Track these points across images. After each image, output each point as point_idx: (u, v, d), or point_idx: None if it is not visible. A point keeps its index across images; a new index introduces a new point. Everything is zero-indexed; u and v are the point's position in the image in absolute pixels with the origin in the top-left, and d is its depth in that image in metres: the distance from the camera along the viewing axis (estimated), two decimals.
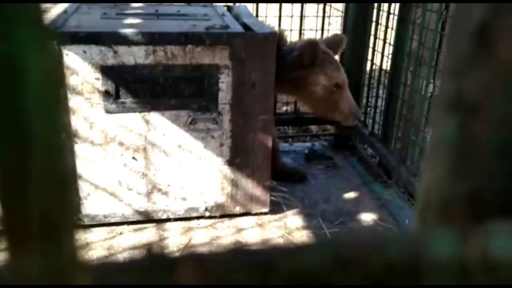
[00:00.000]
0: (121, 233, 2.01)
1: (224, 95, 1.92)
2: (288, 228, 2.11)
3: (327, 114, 2.27)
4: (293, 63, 2.14)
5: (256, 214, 2.15)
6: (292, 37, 2.80)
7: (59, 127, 0.15)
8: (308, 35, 2.85)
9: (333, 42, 2.29)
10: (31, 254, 0.14)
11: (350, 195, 2.40)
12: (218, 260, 0.19)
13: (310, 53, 2.10)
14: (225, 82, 1.90)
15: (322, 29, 2.79)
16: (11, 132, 0.14)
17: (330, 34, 2.54)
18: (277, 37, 1.97)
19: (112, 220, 2.02)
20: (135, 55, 1.80)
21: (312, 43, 2.11)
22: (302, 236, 2.05)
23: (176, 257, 0.19)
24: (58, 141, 0.15)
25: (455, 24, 0.23)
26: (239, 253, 0.20)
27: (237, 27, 1.98)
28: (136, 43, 1.79)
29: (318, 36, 2.82)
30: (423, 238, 0.20)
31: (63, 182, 0.15)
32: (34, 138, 0.14)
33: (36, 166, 0.14)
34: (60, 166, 0.15)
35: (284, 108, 3.16)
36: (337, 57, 2.36)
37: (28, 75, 0.14)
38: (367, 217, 2.22)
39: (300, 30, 2.78)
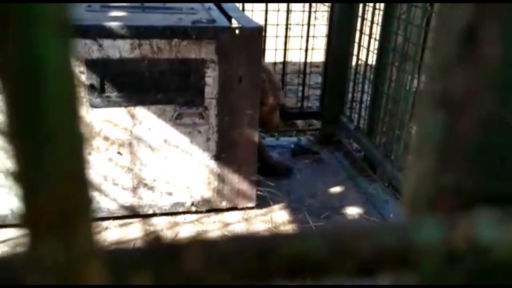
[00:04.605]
0: (106, 228, 1.99)
1: (211, 89, 1.91)
2: (274, 222, 2.12)
3: (264, 126, 2.44)
4: None
5: (242, 208, 2.15)
6: (278, 32, 2.80)
7: (78, 125, 0.16)
8: (295, 30, 2.85)
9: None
10: (49, 243, 0.16)
11: (336, 189, 2.42)
12: (221, 246, 0.20)
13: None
14: (211, 76, 1.89)
15: (309, 24, 2.80)
16: (33, 132, 0.15)
17: (317, 29, 2.56)
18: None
19: (98, 215, 2.00)
20: (120, 49, 1.78)
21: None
22: (288, 230, 2.06)
23: (181, 244, 0.20)
24: (78, 138, 0.16)
25: (442, 25, 0.23)
26: (239, 239, 0.21)
27: (223, 21, 1.97)
28: (121, 37, 1.76)
29: (305, 31, 2.82)
30: (411, 225, 0.21)
31: (81, 177, 0.16)
32: (55, 137, 0.15)
33: (57, 163, 0.15)
34: (79, 162, 0.16)
35: None
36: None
37: (49, 75, 0.15)
38: (353, 211, 2.24)
39: (287, 25, 2.78)
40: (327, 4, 2.83)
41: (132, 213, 2.04)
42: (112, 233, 1.97)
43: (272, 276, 0.21)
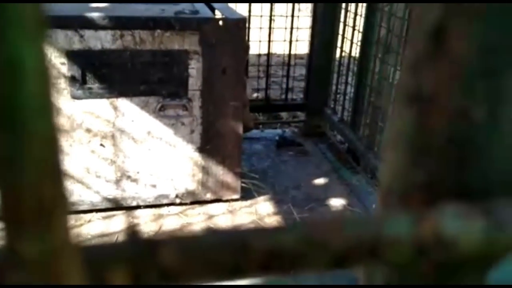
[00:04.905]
0: (89, 221, 1.98)
1: (194, 81, 1.91)
2: (259, 214, 2.13)
3: None
4: None
5: (227, 200, 2.16)
6: (262, 23, 2.79)
7: (53, 120, 0.16)
8: (279, 21, 2.84)
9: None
10: (26, 237, 0.16)
11: (320, 181, 2.44)
12: (198, 241, 0.21)
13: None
14: (195, 68, 1.88)
15: (292, 15, 2.80)
16: (8, 128, 0.15)
17: (301, 20, 2.55)
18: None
19: (80, 208, 1.98)
20: (102, 40, 1.75)
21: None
22: (272, 222, 2.08)
23: (157, 240, 0.21)
24: (54, 135, 0.16)
25: (414, 22, 0.24)
26: (216, 234, 0.22)
27: (207, 12, 1.96)
28: (103, 27, 1.74)
29: (289, 22, 2.82)
30: (382, 219, 0.22)
31: (57, 172, 0.16)
32: (32, 134, 0.15)
33: (33, 158, 0.16)
34: (55, 157, 0.16)
35: (255, 94, 3.16)
36: None
37: (26, 75, 0.15)
38: (336, 203, 2.26)
39: (270, 16, 2.77)
40: None
41: (116, 205, 2.03)
42: (95, 225, 1.96)
43: (247, 270, 0.21)
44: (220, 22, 1.86)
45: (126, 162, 1.96)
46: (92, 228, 1.95)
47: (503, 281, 0.45)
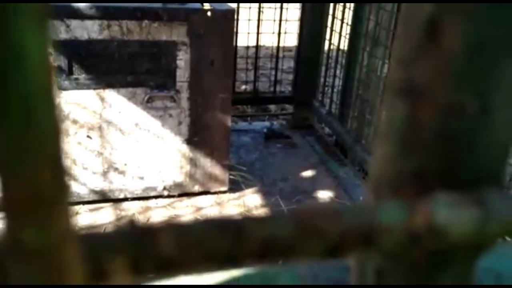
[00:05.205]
0: (77, 213, 1.96)
1: (182, 72, 1.89)
2: (247, 206, 2.14)
3: None
4: None
5: (215, 192, 2.16)
6: (251, 15, 2.78)
7: (55, 110, 0.16)
8: (267, 13, 2.83)
9: None
10: (27, 227, 0.16)
11: (308, 173, 2.45)
12: (196, 229, 0.21)
13: None
14: (183, 59, 1.87)
15: (281, 7, 2.79)
16: (11, 117, 0.15)
17: (289, 12, 2.55)
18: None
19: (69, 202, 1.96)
20: (88, 30, 1.73)
21: None
22: (260, 214, 2.09)
23: (155, 227, 0.21)
24: (56, 124, 0.16)
25: (406, 18, 0.24)
26: (213, 221, 0.22)
27: (195, 3, 1.94)
28: (90, 17, 1.72)
29: (277, 14, 2.81)
30: (374, 208, 0.22)
31: (59, 162, 0.16)
32: (36, 122, 0.15)
33: (35, 148, 0.15)
34: (57, 147, 0.16)
35: (243, 87, 3.15)
36: None
37: (29, 62, 0.15)
38: (324, 195, 2.28)
39: (259, 8, 2.76)
40: None
41: (103, 197, 2.01)
42: (83, 218, 1.95)
43: (244, 257, 0.21)
44: (209, 13, 1.85)
45: (113, 154, 1.95)
46: (80, 220, 1.93)
47: (488, 270, 0.46)
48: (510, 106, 0.24)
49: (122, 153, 1.95)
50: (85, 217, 1.96)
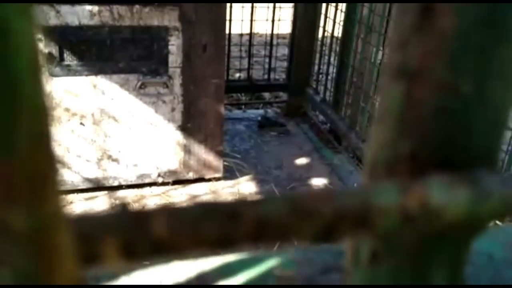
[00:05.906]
0: (71, 202, 1.96)
1: (175, 58, 1.88)
2: (241, 193, 2.14)
3: None
4: None
5: (209, 180, 2.16)
6: (244, 2, 2.75)
7: (43, 88, 0.16)
8: (261, 5, 2.81)
9: None
10: (17, 209, 0.16)
11: (302, 161, 2.46)
12: (189, 212, 0.20)
13: None
14: (175, 44, 1.85)
15: None
16: (3, 94, 0.15)
17: (283, 4, 2.52)
18: None
19: (62, 188, 1.96)
20: (79, 15, 1.71)
21: None
22: None
23: (148, 211, 0.21)
24: (43, 102, 0.15)
25: (402, 3, 0.24)
26: (207, 204, 0.22)
27: None
28: (80, 2, 1.69)
29: (271, 5, 2.78)
30: (370, 190, 0.22)
31: (48, 145, 0.16)
32: (24, 100, 0.15)
33: (24, 126, 0.15)
34: (46, 130, 0.16)
35: (237, 75, 3.14)
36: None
37: (19, 39, 0.15)
38: (318, 182, 2.29)
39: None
40: None
41: (97, 185, 2.01)
42: (77, 206, 1.94)
43: (237, 240, 0.21)
44: None
45: (106, 142, 1.93)
46: (74, 209, 1.93)
47: (480, 253, 0.47)
48: (505, 87, 0.23)
49: (116, 141, 1.94)
50: (80, 206, 1.95)
